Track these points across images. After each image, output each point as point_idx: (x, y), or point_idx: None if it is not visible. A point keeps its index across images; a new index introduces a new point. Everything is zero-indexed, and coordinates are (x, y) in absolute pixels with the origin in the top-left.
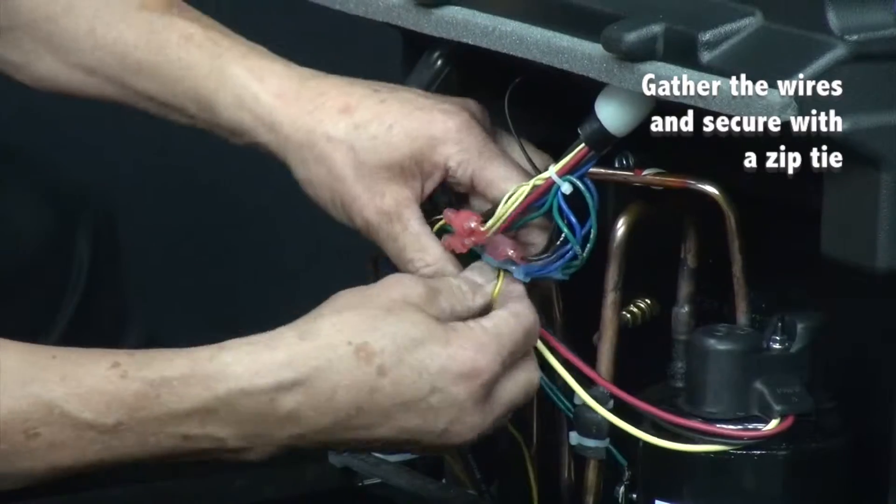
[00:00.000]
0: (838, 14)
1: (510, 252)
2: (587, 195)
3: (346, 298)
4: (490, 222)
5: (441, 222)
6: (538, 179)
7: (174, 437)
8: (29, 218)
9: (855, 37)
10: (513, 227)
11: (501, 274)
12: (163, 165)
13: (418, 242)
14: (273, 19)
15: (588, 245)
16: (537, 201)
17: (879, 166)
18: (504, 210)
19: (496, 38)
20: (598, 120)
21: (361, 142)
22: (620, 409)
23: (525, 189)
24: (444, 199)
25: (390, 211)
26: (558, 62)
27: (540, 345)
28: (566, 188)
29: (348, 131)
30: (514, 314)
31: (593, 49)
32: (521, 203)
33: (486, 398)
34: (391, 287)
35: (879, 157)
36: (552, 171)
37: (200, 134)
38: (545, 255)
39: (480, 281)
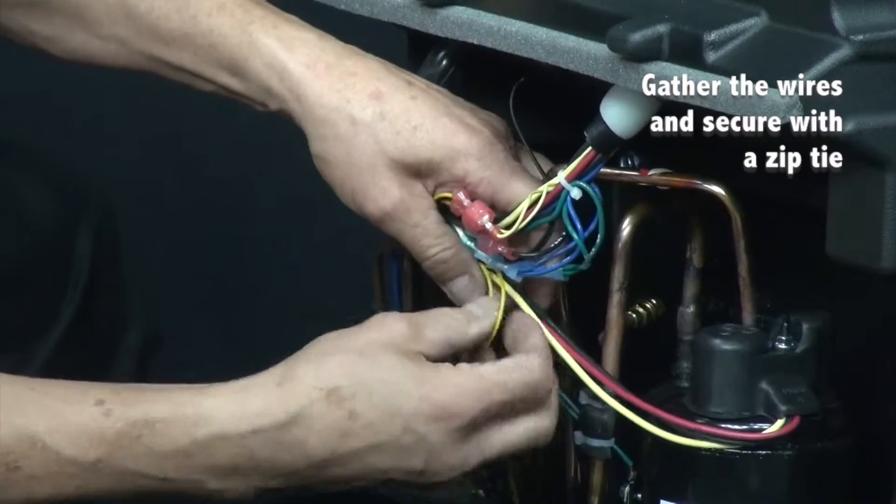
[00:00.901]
0: (844, 14)
1: (500, 249)
2: (596, 200)
3: (326, 344)
4: (504, 227)
5: (441, 194)
6: (548, 186)
7: (152, 478)
8: (30, 216)
9: (860, 37)
10: (523, 231)
11: (501, 306)
12: (164, 164)
13: (437, 230)
14: None
15: (593, 249)
16: (547, 207)
17: (885, 166)
18: (515, 217)
19: (501, 37)
20: (603, 122)
21: (385, 133)
22: (628, 409)
23: (535, 196)
24: None
25: (407, 201)
26: (563, 62)
27: (550, 338)
28: (576, 193)
29: (374, 118)
30: (519, 365)
31: (598, 49)
32: (535, 211)
33: (465, 441)
34: (371, 329)
35: (885, 158)
36: (561, 176)
37: (201, 133)
38: (536, 253)
39: (478, 313)
